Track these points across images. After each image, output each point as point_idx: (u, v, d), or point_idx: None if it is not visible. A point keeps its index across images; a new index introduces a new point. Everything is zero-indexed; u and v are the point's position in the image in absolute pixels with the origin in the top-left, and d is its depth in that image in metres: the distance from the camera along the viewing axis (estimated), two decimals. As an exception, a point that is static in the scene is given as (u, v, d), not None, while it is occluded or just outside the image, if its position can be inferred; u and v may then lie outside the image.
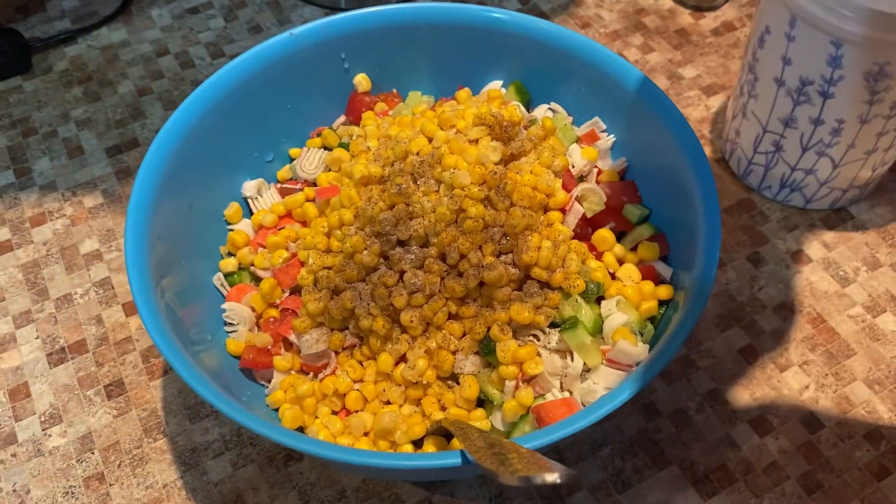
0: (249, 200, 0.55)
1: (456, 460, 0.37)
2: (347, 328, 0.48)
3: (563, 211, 0.49)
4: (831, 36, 0.49)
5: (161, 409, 0.53)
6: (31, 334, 0.57)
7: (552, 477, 0.28)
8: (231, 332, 0.50)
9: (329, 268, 0.48)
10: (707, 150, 0.66)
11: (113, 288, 0.59)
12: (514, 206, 0.46)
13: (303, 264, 0.49)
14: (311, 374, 0.48)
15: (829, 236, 0.61)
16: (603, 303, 0.46)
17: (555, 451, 0.51)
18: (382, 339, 0.46)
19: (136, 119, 0.69)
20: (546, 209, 0.48)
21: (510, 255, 0.46)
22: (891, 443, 0.51)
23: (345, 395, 0.47)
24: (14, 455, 0.52)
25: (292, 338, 0.48)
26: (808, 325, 0.56)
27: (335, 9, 0.77)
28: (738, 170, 0.63)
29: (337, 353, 0.48)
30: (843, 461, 0.51)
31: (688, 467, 0.51)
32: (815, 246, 0.60)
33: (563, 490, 0.50)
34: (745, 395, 0.53)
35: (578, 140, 0.54)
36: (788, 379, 0.54)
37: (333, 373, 0.48)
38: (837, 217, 0.62)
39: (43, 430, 0.53)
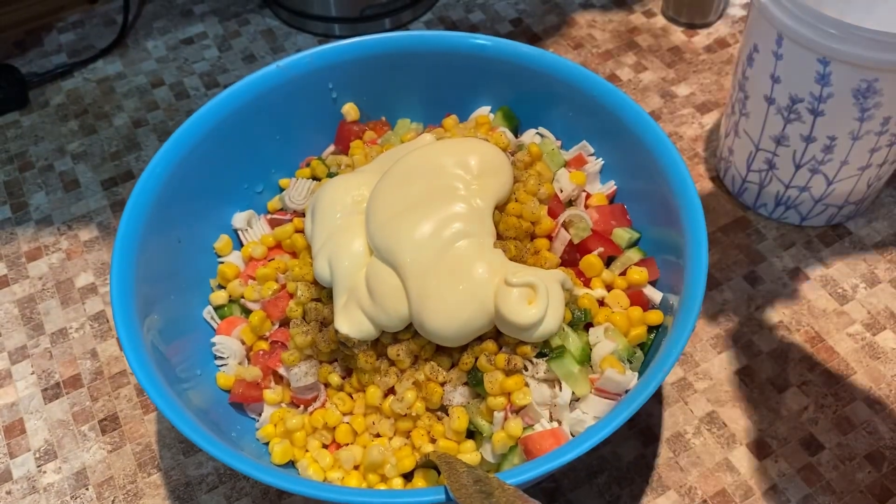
0: (239, 232, 0.55)
1: (440, 497, 0.37)
2: (336, 360, 0.48)
3: (549, 238, 0.48)
4: (818, 54, 0.49)
5: (155, 443, 0.53)
6: (27, 370, 0.57)
7: (528, 518, 0.28)
8: (221, 365, 0.50)
9: (318, 300, 0.48)
10: (701, 169, 0.66)
11: (108, 321, 0.59)
12: (500, 236, 0.46)
13: (292, 296, 0.49)
14: (301, 406, 0.48)
15: (827, 253, 0.60)
16: (591, 330, 0.46)
17: (551, 479, 0.51)
18: (370, 372, 0.46)
19: (131, 151, 0.70)
20: (532, 236, 0.48)
21: (497, 284, 0.45)
22: (893, 464, 0.50)
23: (334, 428, 0.47)
24: (9, 493, 0.52)
25: (282, 371, 0.48)
26: (806, 344, 0.56)
27: (329, 36, 0.78)
28: (733, 188, 0.63)
29: (327, 385, 0.48)
30: (844, 483, 0.50)
31: (686, 493, 0.50)
32: (813, 263, 0.60)
33: (558, 519, 0.49)
34: (743, 417, 0.53)
35: (566, 164, 0.54)
36: (787, 400, 0.53)
37: (323, 405, 0.48)
38: (834, 233, 0.61)
39: (38, 466, 0.53)
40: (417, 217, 0.44)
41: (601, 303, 0.48)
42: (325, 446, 0.47)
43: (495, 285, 0.42)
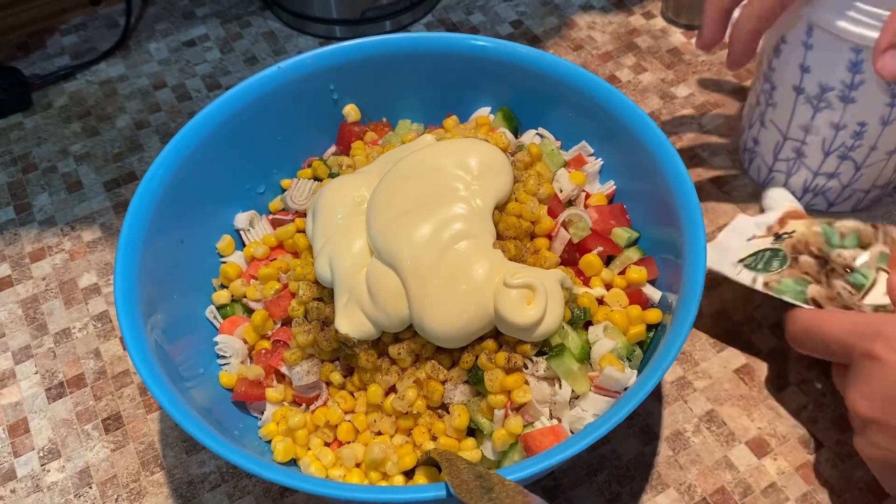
0: (241, 232, 0.56)
1: (441, 493, 0.37)
2: (338, 359, 0.48)
3: (549, 237, 0.49)
4: (851, 43, 0.50)
5: (158, 442, 0.54)
6: (31, 369, 0.58)
7: (527, 512, 0.28)
8: (224, 364, 0.51)
9: (319, 299, 0.48)
10: (700, 169, 0.66)
11: (111, 321, 0.60)
12: (500, 236, 0.46)
13: (294, 296, 0.50)
14: (304, 405, 0.49)
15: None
16: (590, 328, 0.46)
17: (551, 477, 0.51)
18: (371, 370, 0.46)
19: (133, 153, 0.70)
20: (532, 236, 0.49)
21: (497, 283, 0.46)
22: (891, 462, 0.50)
23: (336, 426, 0.47)
24: (13, 491, 0.52)
25: (284, 369, 0.48)
26: (805, 343, 0.56)
27: (330, 38, 0.78)
28: (759, 178, 0.63)
29: (328, 383, 0.48)
30: (843, 481, 0.50)
31: (685, 491, 0.50)
32: (811, 263, 0.60)
33: (559, 516, 0.49)
34: (742, 415, 0.53)
35: (566, 164, 0.54)
36: (786, 398, 0.53)
37: (325, 404, 0.48)
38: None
39: (41, 465, 0.53)
40: (418, 218, 0.44)
41: (600, 301, 0.48)
42: (326, 444, 0.48)
43: (495, 286, 0.43)
